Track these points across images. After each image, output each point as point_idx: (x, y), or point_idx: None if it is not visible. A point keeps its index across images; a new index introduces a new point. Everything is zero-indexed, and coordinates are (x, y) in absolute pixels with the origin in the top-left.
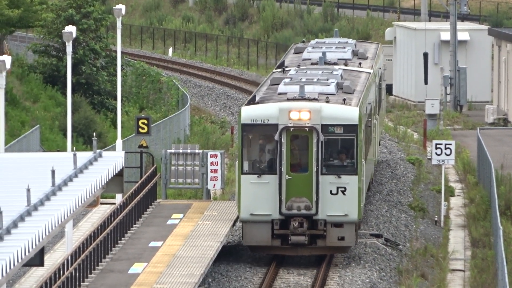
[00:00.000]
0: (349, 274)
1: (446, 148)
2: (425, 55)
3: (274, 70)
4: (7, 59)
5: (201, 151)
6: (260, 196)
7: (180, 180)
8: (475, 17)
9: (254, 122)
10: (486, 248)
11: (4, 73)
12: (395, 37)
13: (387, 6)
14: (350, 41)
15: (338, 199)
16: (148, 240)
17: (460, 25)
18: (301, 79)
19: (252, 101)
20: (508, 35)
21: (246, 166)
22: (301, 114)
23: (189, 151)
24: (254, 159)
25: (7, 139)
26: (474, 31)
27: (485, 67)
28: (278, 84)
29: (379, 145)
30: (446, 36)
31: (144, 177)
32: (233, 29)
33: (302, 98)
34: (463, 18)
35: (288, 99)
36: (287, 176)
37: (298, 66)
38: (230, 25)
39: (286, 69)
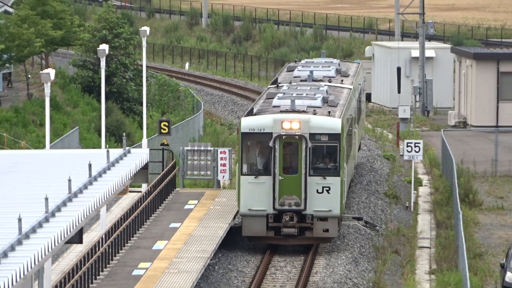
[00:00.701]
0: (335, 250)
1: (415, 146)
2: (398, 69)
3: (269, 86)
4: (52, 72)
5: (212, 148)
6: (257, 194)
7: (195, 172)
8: (440, 38)
9: (252, 131)
10: (448, 229)
11: (49, 84)
12: (373, 54)
13: (367, 28)
14: (335, 61)
15: (324, 197)
16: (169, 222)
17: (427, 44)
18: (292, 94)
19: (250, 113)
20: (467, 52)
21: (245, 168)
22: (292, 124)
23: (202, 148)
24: (252, 162)
25: (52, 138)
26: (439, 49)
27: (448, 79)
28: (273, 98)
29: (359, 149)
30: (416, 53)
31: (165, 170)
32: (239, 47)
33: (293, 110)
34: (430, 38)
35: (281, 111)
36: (280, 177)
37: (290, 82)
38: (237, 44)
39: (280, 85)
